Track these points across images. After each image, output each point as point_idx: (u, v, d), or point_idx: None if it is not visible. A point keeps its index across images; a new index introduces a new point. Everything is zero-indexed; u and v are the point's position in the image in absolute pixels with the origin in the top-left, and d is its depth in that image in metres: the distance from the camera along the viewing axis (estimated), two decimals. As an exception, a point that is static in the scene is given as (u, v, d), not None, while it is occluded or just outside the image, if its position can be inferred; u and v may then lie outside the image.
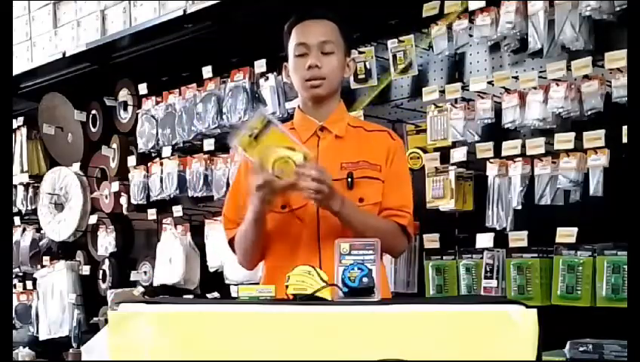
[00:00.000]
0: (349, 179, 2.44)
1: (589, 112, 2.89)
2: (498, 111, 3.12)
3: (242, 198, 2.50)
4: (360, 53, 3.54)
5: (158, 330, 1.88)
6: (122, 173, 4.82)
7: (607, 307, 2.81)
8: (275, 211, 2.45)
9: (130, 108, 4.83)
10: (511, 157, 3.07)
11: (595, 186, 2.83)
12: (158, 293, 4.40)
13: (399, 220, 2.50)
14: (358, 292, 2.01)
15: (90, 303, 5.02)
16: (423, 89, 3.37)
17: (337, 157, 2.48)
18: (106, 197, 4.94)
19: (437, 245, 3.33)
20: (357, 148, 2.51)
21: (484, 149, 3.15)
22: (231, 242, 2.57)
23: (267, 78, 3.93)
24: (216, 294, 4.16)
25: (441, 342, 1.78)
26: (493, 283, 3.12)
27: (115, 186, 4.83)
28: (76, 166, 5.15)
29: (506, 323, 1.77)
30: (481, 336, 1.77)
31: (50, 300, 5.20)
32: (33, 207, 5.45)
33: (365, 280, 2.01)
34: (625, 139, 2.73)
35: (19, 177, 5.48)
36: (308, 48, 2.47)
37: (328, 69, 2.47)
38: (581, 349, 2.77)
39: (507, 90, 3.09)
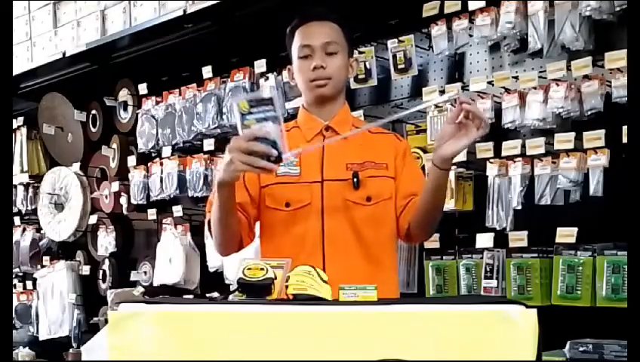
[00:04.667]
0: (355, 180, 2.43)
1: (589, 112, 2.89)
2: (498, 111, 3.12)
3: None
4: (360, 53, 3.54)
5: (158, 330, 1.88)
6: (122, 173, 4.82)
7: (607, 307, 2.81)
8: (278, 209, 2.45)
9: (130, 108, 4.83)
10: (511, 158, 3.07)
11: (595, 186, 2.83)
12: (158, 293, 4.39)
13: None
14: None
15: (90, 303, 5.02)
16: (423, 89, 3.37)
17: (343, 157, 2.47)
18: (106, 197, 4.94)
19: (437, 245, 3.33)
20: (362, 149, 2.50)
21: (484, 149, 3.15)
22: (208, 225, 2.50)
23: (267, 78, 3.93)
24: (216, 294, 4.15)
25: (441, 342, 1.78)
26: (493, 283, 3.12)
27: (115, 186, 4.83)
28: (76, 166, 5.15)
29: (506, 323, 1.77)
30: (481, 336, 1.76)
31: (50, 300, 5.21)
32: (33, 207, 5.45)
33: None
34: (625, 139, 2.73)
35: (19, 177, 5.48)
36: (312, 50, 2.46)
37: (333, 69, 2.46)
38: (581, 349, 2.77)
39: (507, 90, 3.09)
